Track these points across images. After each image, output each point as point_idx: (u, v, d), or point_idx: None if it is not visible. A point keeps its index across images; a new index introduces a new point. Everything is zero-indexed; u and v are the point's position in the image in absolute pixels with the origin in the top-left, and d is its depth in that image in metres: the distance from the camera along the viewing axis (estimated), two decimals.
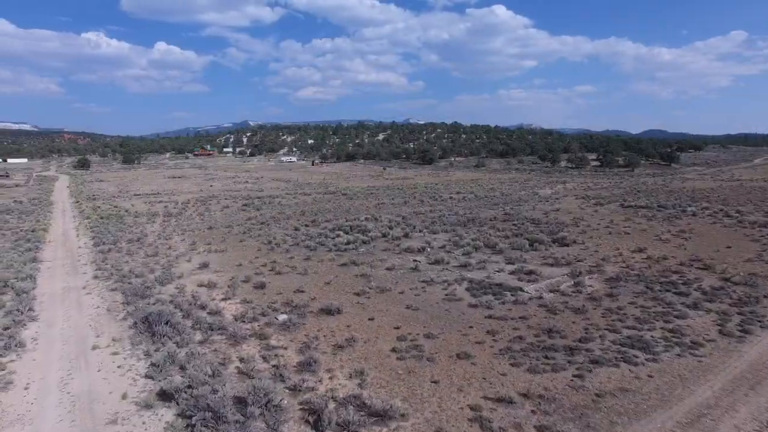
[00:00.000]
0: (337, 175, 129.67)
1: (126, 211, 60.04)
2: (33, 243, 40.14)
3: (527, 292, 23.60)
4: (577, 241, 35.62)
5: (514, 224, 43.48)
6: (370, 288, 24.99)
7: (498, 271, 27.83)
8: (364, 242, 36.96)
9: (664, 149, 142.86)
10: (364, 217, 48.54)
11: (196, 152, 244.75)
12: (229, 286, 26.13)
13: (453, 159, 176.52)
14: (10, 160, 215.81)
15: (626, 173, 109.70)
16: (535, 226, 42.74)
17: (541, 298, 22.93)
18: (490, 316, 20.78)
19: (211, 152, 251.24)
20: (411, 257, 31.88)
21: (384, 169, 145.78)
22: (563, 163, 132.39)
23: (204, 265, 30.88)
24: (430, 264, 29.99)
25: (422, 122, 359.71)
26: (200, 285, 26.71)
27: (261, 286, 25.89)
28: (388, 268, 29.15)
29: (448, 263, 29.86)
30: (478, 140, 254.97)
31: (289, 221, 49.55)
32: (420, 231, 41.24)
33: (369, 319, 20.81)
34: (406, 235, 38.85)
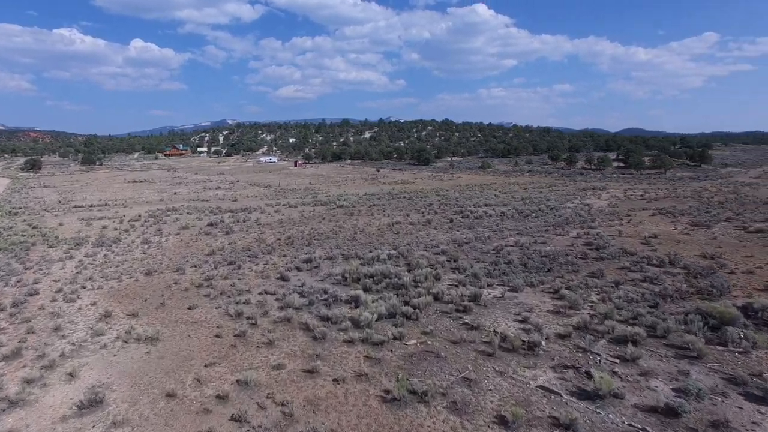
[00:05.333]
0: (325, 178, 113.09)
1: (44, 235, 42.88)
2: None
3: None
4: None
5: (631, 270, 27.79)
6: None
7: None
8: (406, 316, 20.89)
9: (689, 148, 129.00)
10: (386, 253, 32.39)
11: (167, 152, 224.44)
12: None
13: (451, 159, 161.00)
14: None
15: (658, 176, 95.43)
16: (665, 271, 27.20)
17: None
18: None
19: (183, 152, 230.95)
20: (524, 369, 15.88)
21: (378, 170, 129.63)
22: (579, 164, 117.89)
23: (94, 401, 14.47)
24: (579, 400, 14.04)
25: (404, 120, 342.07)
26: None
27: None
28: (498, 420, 13.13)
29: (621, 397, 13.94)
30: (473, 138, 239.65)
31: (272, 258, 33.21)
32: (488, 284, 25.30)
33: None
34: (474, 299, 22.81)
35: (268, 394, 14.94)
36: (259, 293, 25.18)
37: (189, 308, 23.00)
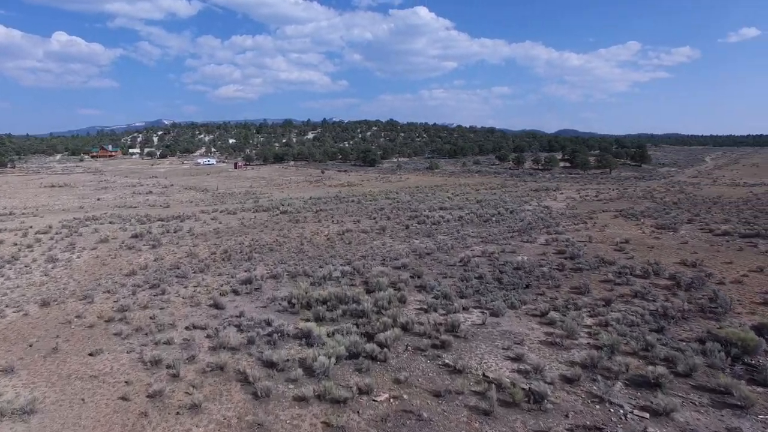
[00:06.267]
0: (267, 181, 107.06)
1: None
2: None
3: None
4: None
5: (617, 283, 24.92)
6: None
7: None
8: (371, 357, 16.74)
9: (626, 148, 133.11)
10: (339, 269, 28.06)
11: (94, 153, 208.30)
12: None
13: (398, 159, 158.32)
14: None
15: (604, 175, 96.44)
16: (652, 283, 24.54)
17: None
18: None
19: (113, 153, 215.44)
20: None
21: (322, 172, 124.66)
22: (527, 165, 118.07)
23: None
24: None
25: (348, 120, 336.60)
26: None
27: None
28: None
29: None
30: (418, 138, 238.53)
31: (204, 278, 28.09)
32: (463, 308, 21.56)
33: None
34: (451, 329, 18.97)
35: None
36: (186, 328, 20.25)
37: (91, 355, 17.77)
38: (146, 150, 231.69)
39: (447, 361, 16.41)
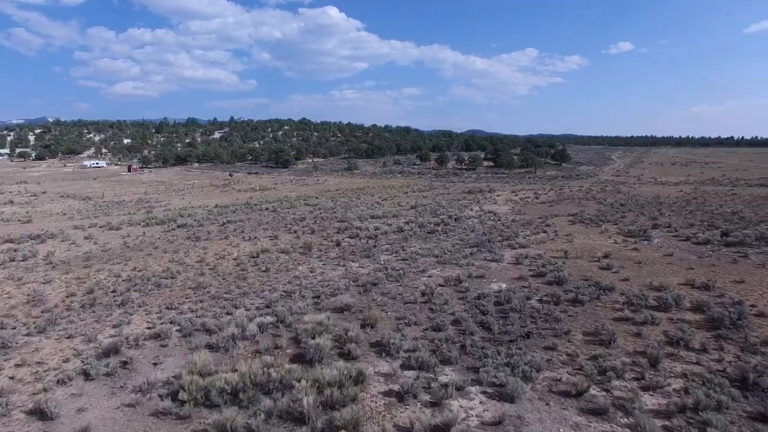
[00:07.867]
0: (165, 187, 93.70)
1: None
2: None
3: None
4: None
5: (637, 322, 18.61)
6: None
7: None
8: None
9: (539, 147, 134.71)
10: (255, 320, 19.40)
11: None
12: None
13: (313, 160, 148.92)
14: None
15: (529, 175, 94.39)
16: (680, 318, 18.58)
17: None
18: None
19: None
20: None
21: (230, 175, 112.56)
22: (451, 164, 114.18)
23: None
24: None
25: (256, 120, 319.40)
26: None
27: None
28: None
29: None
30: (333, 138, 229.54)
31: (42, 345, 18.22)
32: (456, 387, 13.98)
33: None
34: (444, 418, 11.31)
35: None
36: None
37: None
38: (18, 150, 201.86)
39: None
